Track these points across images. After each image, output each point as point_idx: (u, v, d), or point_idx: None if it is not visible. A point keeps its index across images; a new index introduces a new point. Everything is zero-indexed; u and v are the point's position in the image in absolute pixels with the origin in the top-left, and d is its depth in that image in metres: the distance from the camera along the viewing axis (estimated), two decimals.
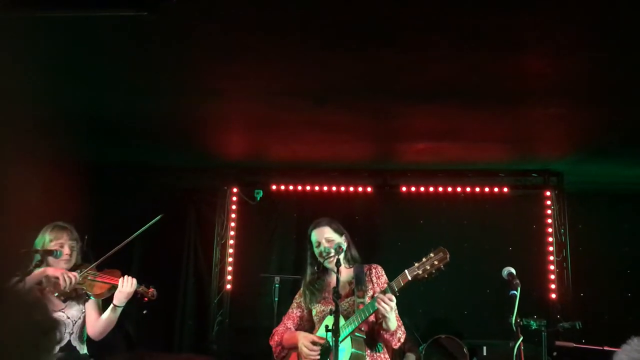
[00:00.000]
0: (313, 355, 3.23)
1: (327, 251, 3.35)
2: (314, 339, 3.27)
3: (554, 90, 4.05)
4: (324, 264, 3.39)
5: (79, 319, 3.46)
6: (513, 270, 3.42)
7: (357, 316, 3.18)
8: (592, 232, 6.45)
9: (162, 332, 6.72)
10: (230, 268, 6.80)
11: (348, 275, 3.45)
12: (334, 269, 3.21)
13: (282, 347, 3.44)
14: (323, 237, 3.41)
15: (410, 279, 3.13)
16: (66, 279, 3.33)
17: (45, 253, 3.36)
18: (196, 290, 6.93)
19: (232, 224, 6.88)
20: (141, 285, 3.51)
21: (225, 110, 4.76)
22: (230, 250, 6.82)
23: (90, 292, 3.47)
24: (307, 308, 3.50)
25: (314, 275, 3.49)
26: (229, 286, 6.76)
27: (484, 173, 6.47)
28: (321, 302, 3.42)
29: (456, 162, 6.20)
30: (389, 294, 3.09)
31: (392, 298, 3.09)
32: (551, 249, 6.35)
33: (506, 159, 6.16)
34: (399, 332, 3.24)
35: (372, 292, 3.35)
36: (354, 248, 3.51)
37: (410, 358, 5.52)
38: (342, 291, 3.35)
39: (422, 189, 6.60)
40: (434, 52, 3.46)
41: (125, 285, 3.41)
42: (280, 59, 3.65)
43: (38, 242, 3.45)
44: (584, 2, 2.80)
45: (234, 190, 6.91)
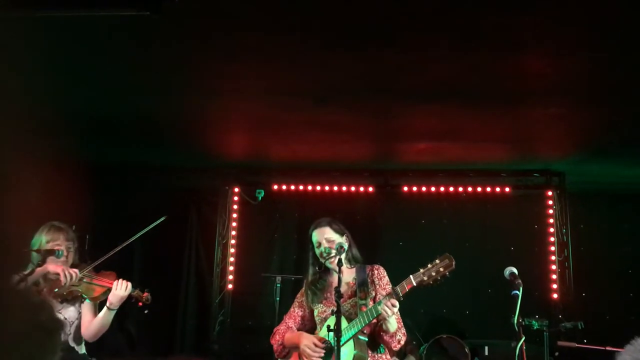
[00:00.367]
0: (316, 356, 3.22)
1: (328, 251, 3.35)
2: (316, 339, 3.27)
3: (554, 90, 4.05)
4: (326, 264, 3.40)
5: (76, 319, 3.44)
6: (515, 270, 3.41)
7: (360, 319, 3.17)
8: (593, 232, 6.44)
9: (164, 332, 6.72)
10: (231, 268, 6.80)
11: (350, 275, 3.44)
12: (336, 269, 3.21)
13: (283, 346, 3.44)
14: (323, 238, 3.41)
15: (415, 284, 3.13)
16: (67, 275, 3.30)
17: (47, 253, 3.34)
18: (197, 290, 6.94)
19: (234, 224, 6.89)
20: (136, 289, 3.45)
21: (226, 110, 4.76)
22: (232, 250, 6.83)
23: (86, 295, 3.43)
24: (309, 308, 3.50)
25: (315, 275, 3.49)
26: (230, 286, 6.76)
27: (485, 173, 6.46)
28: (323, 303, 3.41)
29: (457, 162, 6.19)
30: (392, 300, 3.10)
31: (396, 304, 3.10)
32: (553, 248, 6.35)
33: (507, 159, 6.15)
34: (399, 334, 3.24)
35: (375, 293, 3.35)
36: (355, 248, 3.51)
37: (411, 359, 5.52)
38: (344, 291, 3.35)
39: (424, 188, 6.60)
40: (435, 52, 3.45)
41: (119, 289, 3.36)
42: (281, 59, 3.65)
43: (34, 242, 3.41)
44: (584, 2, 2.80)
45: (236, 190, 6.92)
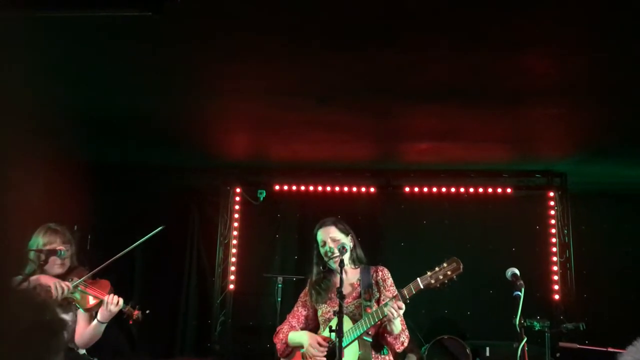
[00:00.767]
0: (320, 356, 3.22)
1: (332, 251, 3.34)
2: (320, 339, 3.27)
3: (555, 90, 4.04)
4: (329, 264, 3.39)
5: (73, 322, 3.40)
6: (517, 271, 3.41)
7: (365, 320, 3.17)
8: (595, 233, 6.44)
9: (165, 332, 6.72)
10: (233, 268, 6.81)
11: (354, 276, 3.44)
12: (338, 270, 3.20)
13: (286, 345, 3.43)
14: (329, 237, 3.40)
15: (423, 287, 3.14)
16: (58, 288, 3.23)
17: (49, 253, 3.34)
18: (199, 290, 6.95)
19: (235, 224, 6.90)
20: (127, 306, 3.38)
21: (227, 110, 4.76)
22: (233, 250, 6.84)
23: (79, 305, 3.38)
24: (313, 308, 3.49)
25: (319, 275, 3.49)
26: (231, 286, 6.77)
27: (487, 173, 6.46)
28: (327, 303, 3.41)
29: (459, 162, 6.19)
30: (399, 302, 3.10)
31: (402, 306, 3.11)
32: (554, 249, 6.35)
33: (509, 160, 6.14)
34: (403, 335, 3.24)
35: (379, 295, 3.35)
36: (359, 248, 3.50)
37: (411, 359, 5.51)
38: (348, 292, 3.35)
39: (425, 189, 6.60)
40: (435, 52, 3.45)
41: (111, 304, 3.29)
42: (282, 59, 3.64)
43: (31, 244, 3.38)
44: (584, 2, 2.79)
45: (237, 190, 6.92)
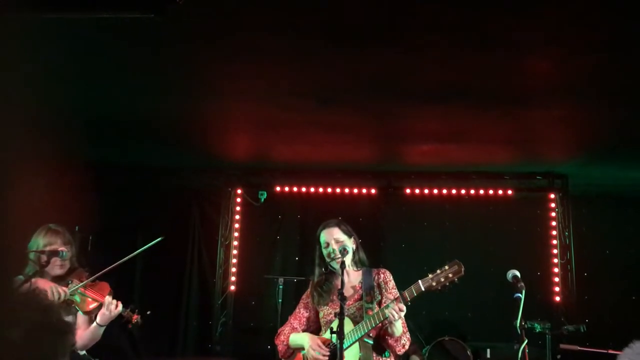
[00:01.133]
0: (321, 358, 3.22)
1: (335, 252, 3.33)
2: (322, 341, 3.27)
3: (558, 91, 4.04)
4: (331, 265, 3.39)
5: (73, 323, 3.42)
6: (518, 273, 3.41)
7: (366, 322, 3.18)
8: (596, 235, 6.44)
9: (166, 333, 6.72)
10: (234, 269, 6.81)
11: (356, 278, 3.44)
12: (340, 272, 3.20)
13: (288, 346, 3.44)
14: (332, 238, 3.40)
15: (424, 289, 3.13)
16: (54, 293, 3.22)
17: (51, 254, 3.34)
18: (200, 291, 6.95)
19: (236, 225, 6.89)
20: (126, 310, 3.37)
21: (229, 110, 4.76)
22: (234, 252, 6.84)
23: (79, 308, 3.38)
24: (315, 309, 3.50)
25: (321, 276, 3.50)
26: (232, 287, 6.77)
27: (488, 175, 6.45)
28: (329, 305, 3.41)
29: (460, 164, 6.19)
30: (400, 304, 3.10)
31: (403, 308, 3.10)
32: (555, 251, 6.34)
33: (510, 162, 6.14)
34: (404, 338, 3.24)
35: (381, 297, 3.35)
36: (362, 251, 3.50)
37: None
38: (350, 294, 3.35)
39: (426, 191, 6.60)
40: (439, 54, 3.45)
41: (110, 307, 3.28)
42: (285, 60, 3.65)
43: (32, 245, 3.38)
44: (588, 4, 2.80)
45: (238, 191, 6.92)
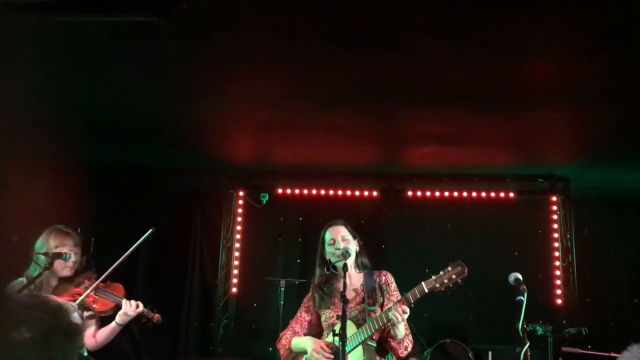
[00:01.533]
0: None
1: (344, 250, 3.31)
2: (324, 344, 3.27)
3: (560, 94, 4.05)
4: (336, 265, 3.38)
5: (82, 324, 3.44)
6: (520, 276, 3.41)
7: (370, 325, 3.17)
8: (598, 237, 6.43)
9: (168, 335, 6.71)
10: (235, 271, 6.81)
11: (358, 281, 3.44)
12: (341, 274, 3.20)
13: (290, 350, 3.44)
14: (339, 235, 3.40)
15: (427, 291, 3.13)
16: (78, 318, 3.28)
17: (55, 256, 3.35)
18: (202, 293, 6.95)
19: (238, 227, 6.90)
20: (146, 309, 3.50)
21: (232, 112, 4.77)
22: (236, 254, 6.84)
23: (93, 309, 3.44)
24: (316, 313, 3.49)
25: (322, 277, 3.49)
26: (234, 289, 6.77)
27: (489, 178, 6.46)
28: (331, 308, 3.41)
29: (462, 166, 6.19)
30: (404, 306, 3.09)
31: (407, 310, 3.10)
32: (557, 254, 6.34)
33: (512, 164, 6.14)
34: (406, 340, 3.24)
35: (383, 299, 3.35)
36: (364, 255, 3.50)
37: None
38: (352, 297, 3.35)
39: (428, 193, 6.61)
40: (441, 57, 3.46)
41: (131, 309, 3.42)
42: (287, 63, 3.65)
43: (41, 245, 3.41)
44: (590, 6, 2.80)
45: (240, 193, 6.93)
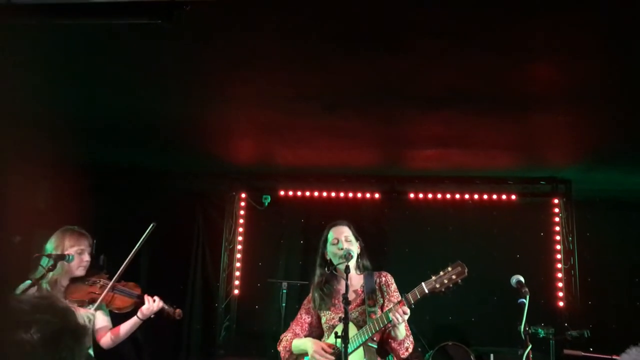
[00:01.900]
0: None
1: (346, 252, 3.32)
2: (325, 346, 3.27)
3: (563, 97, 4.05)
4: (337, 266, 3.39)
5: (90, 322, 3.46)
6: (522, 279, 3.42)
7: (370, 326, 3.18)
8: (600, 240, 6.42)
9: (170, 337, 6.72)
10: (237, 273, 6.82)
11: (358, 282, 3.44)
12: (343, 276, 3.21)
13: (290, 352, 3.44)
14: (343, 236, 3.41)
15: (427, 291, 3.13)
16: (85, 319, 3.32)
17: (57, 257, 3.36)
18: (204, 294, 6.95)
19: (240, 229, 6.91)
20: (167, 305, 3.62)
21: (234, 115, 4.77)
22: (238, 255, 6.85)
23: (112, 306, 3.51)
24: (317, 314, 3.49)
25: (322, 277, 3.49)
26: (236, 291, 6.78)
27: (491, 180, 6.45)
28: (331, 310, 3.41)
29: (464, 168, 6.19)
30: (404, 307, 3.10)
31: (407, 311, 3.11)
32: (559, 256, 6.33)
33: (514, 167, 6.14)
34: (407, 341, 3.24)
35: (383, 300, 3.35)
36: (366, 256, 3.51)
37: None
38: (352, 299, 3.35)
39: (430, 195, 6.61)
40: (443, 58, 3.46)
41: (154, 304, 3.54)
42: (290, 65, 3.66)
43: (54, 246, 3.45)
44: (593, 9, 2.81)
45: (242, 195, 6.94)
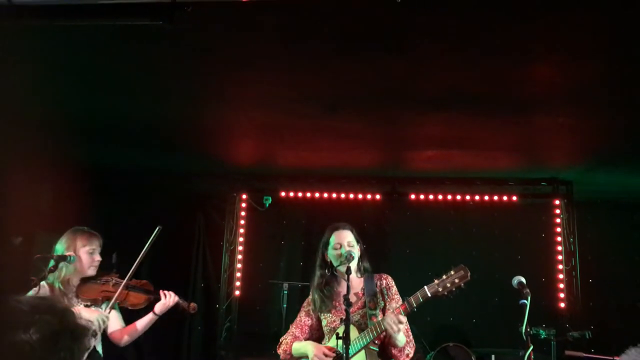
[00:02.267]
0: None
1: (349, 254, 3.32)
2: (326, 349, 3.27)
3: (564, 98, 4.05)
4: (338, 268, 3.39)
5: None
6: (523, 280, 3.42)
7: (368, 332, 3.18)
8: (601, 241, 6.42)
9: (171, 338, 6.72)
10: (238, 274, 6.82)
11: (358, 285, 3.44)
12: (344, 277, 3.20)
13: (290, 356, 3.43)
14: (346, 240, 3.41)
15: (430, 295, 3.13)
16: (99, 322, 3.35)
17: (59, 258, 3.36)
18: (205, 295, 6.96)
19: (241, 230, 6.91)
20: (182, 299, 3.69)
21: (236, 116, 4.78)
22: (239, 257, 6.85)
23: (126, 303, 3.55)
24: (317, 317, 3.49)
25: (322, 278, 3.49)
26: (237, 292, 6.78)
27: (492, 181, 6.45)
28: (332, 312, 3.40)
29: (465, 170, 6.19)
30: (400, 316, 3.10)
31: (403, 319, 3.11)
32: (560, 257, 6.33)
33: (515, 168, 6.14)
34: (407, 348, 3.25)
35: (384, 303, 3.35)
36: (366, 259, 3.51)
37: None
38: (353, 301, 3.34)
39: (431, 196, 6.60)
40: (444, 60, 3.47)
41: (170, 299, 3.63)
42: (292, 66, 3.67)
43: (65, 246, 3.45)
44: (594, 11, 2.81)
45: (243, 196, 6.94)
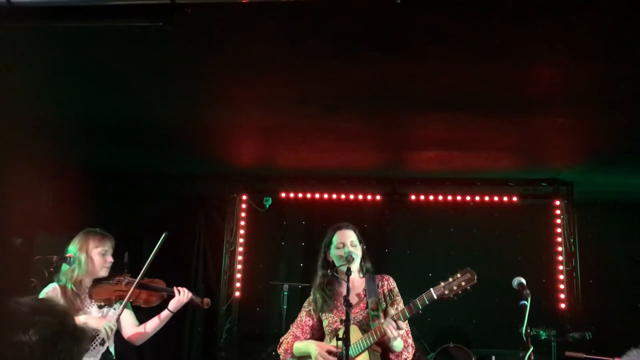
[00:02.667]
0: None
1: (349, 255, 3.32)
2: (330, 348, 3.27)
3: (564, 99, 4.05)
4: (339, 268, 3.39)
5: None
6: (523, 281, 3.42)
7: (372, 334, 3.19)
8: (601, 242, 6.42)
9: (171, 339, 6.72)
10: (239, 275, 6.82)
11: (360, 285, 3.44)
12: (345, 278, 3.21)
13: (292, 355, 3.43)
14: (349, 240, 3.41)
15: (436, 298, 3.14)
16: (107, 330, 3.35)
17: (60, 260, 3.36)
18: (205, 296, 6.92)
19: (241, 231, 6.91)
20: (195, 295, 3.72)
21: (236, 117, 4.78)
22: (239, 258, 6.85)
23: (139, 301, 3.56)
24: (318, 317, 3.49)
25: (323, 278, 3.49)
26: (237, 293, 6.78)
27: (493, 182, 6.46)
28: (333, 313, 3.40)
29: (465, 170, 6.19)
30: (400, 322, 3.12)
31: (402, 325, 3.13)
32: (560, 258, 6.33)
33: (515, 168, 6.14)
34: (405, 353, 3.27)
35: (386, 305, 3.36)
36: (368, 259, 3.51)
37: None
38: (355, 302, 3.35)
39: (431, 197, 6.61)
40: (445, 62, 3.47)
41: (182, 296, 3.65)
42: (292, 67, 3.67)
43: (78, 247, 3.46)
44: (594, 12, 2.81)
45: (244, 197, 6.95)
